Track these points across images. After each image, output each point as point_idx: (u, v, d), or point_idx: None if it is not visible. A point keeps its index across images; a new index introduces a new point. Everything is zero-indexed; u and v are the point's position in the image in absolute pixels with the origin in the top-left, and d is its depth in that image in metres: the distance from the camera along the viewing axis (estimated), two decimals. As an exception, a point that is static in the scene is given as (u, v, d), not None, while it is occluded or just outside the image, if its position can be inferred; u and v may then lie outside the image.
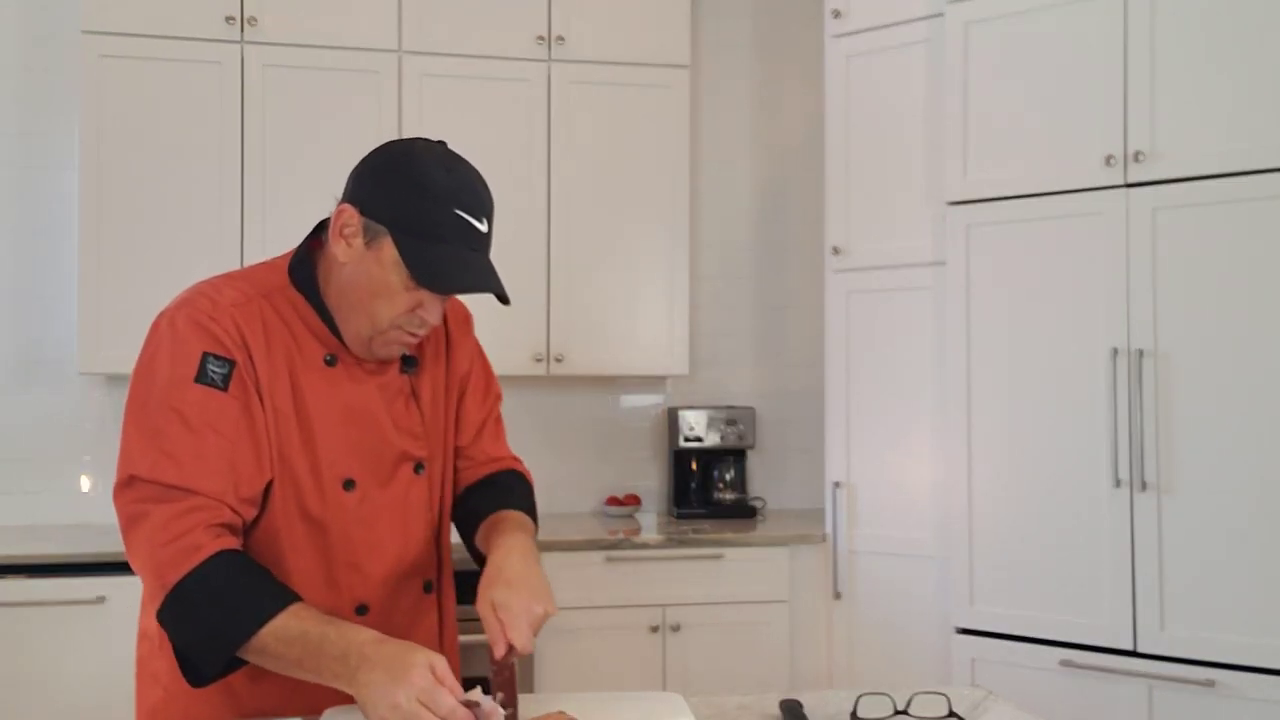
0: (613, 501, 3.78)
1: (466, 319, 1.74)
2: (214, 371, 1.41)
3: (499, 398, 1.78)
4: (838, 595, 3.30)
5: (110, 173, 3.28)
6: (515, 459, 1.80)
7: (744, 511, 3.71)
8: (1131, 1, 2.74)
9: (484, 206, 1.47)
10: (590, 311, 3.60)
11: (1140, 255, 2.71)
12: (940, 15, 3.09)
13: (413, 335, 1.50)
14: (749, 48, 4.10)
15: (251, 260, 3.32)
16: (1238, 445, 2.59)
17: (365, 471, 1.54)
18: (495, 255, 3.68)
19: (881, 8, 3.25)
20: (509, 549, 1.49)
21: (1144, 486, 2.69)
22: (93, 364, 3.28)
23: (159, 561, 1.36)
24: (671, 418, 3.78)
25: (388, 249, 1.42)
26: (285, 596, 1.36)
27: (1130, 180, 2.74)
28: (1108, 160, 2.76)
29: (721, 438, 3.76)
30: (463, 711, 1.24)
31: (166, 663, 1.49)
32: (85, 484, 3.57)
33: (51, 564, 2.97)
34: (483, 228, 1.46)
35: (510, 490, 1.70)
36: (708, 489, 3.81)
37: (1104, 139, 2.78)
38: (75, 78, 3.37)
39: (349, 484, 1.52)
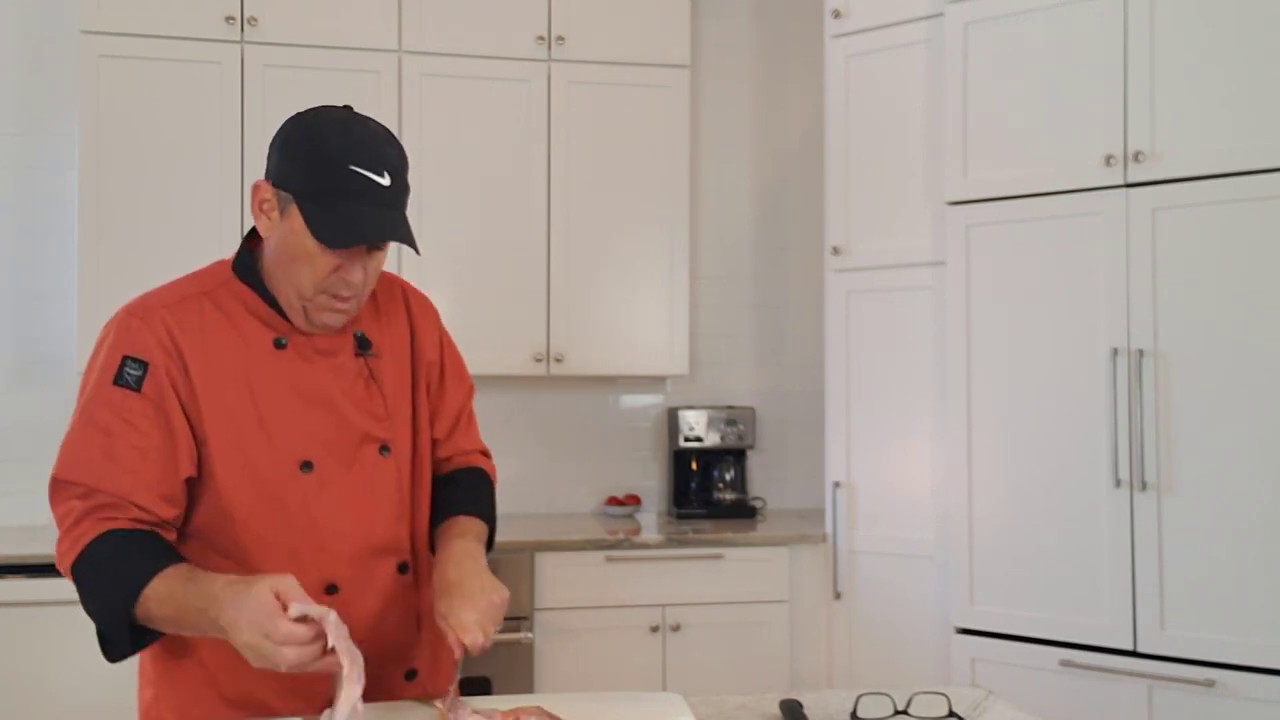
0: (613, 501, 3.78)
1: (429, 308, 1.77)
2: (129, 374, 1.46)
3: (471, 391, 1.81)
4: (838, 595, 3.30)
5: (110, 173, 3.28)
6: (484, 452, 1.83)
7: (744, 511, 3.71)
8: (1131, 2, 2.75)
9: (385, 161, 1.48)
10: (590, 311, 3.60)
11: (1140, 255, 2.71)
12: (940, 15, 3.10)
13: (340, 300, 1.52)
14: (749, 48, 4.10)
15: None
16: (1238, 445, 2.59)
17: (325, 452, 1.56)
18: (495, 253, 3.64)
19: (881, 8, 3.25)
20: (447, 559, 1.54)
21: (1144, 486, 2.70)
22: (93, 364, 3.28)
23: (61, 553, 1.45)
24: (671, 418, 3.78)
25: (296, 215, 1.47)
26: (160, 561, 1.40)
27: (1130, 180, 2.74)
28: (1107, 160, 2.76)
29: (721, 438, 3.76)
30: (300, 630, 1.26)
31: (154, 663, 1.57)
32: (85, 484, 3.57)
33: (51, 564, 2.95)
34: (384, 181, 1.46)
35: (469, 490, 1.73)
36: (708, 489, 3.81)
37: (1104, 139, 2.78)
38: (75, 78, 3.37)
39: (306, 465, 1.54)
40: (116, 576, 1.40)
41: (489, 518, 1.72)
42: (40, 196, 3.55)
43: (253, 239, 1.60)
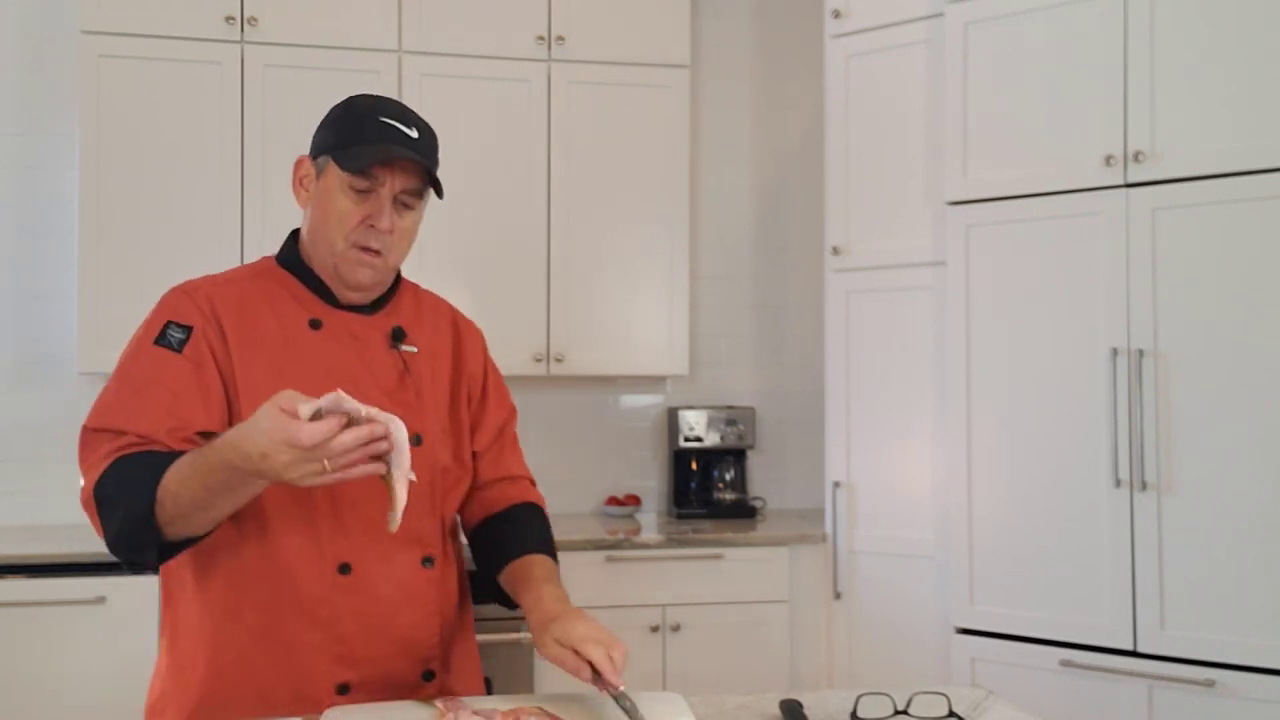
0: (613, 501, 3.78)
1: (476, 333, 1.82)
2: (172, 335, 1.52)
3: (513, 413, 1.85)
4: (838, 595, 3.30)
5: (110, 172, 3.28)
6: (531, 480, 1.85)
7: (744, 511, 3.71)
8: (1131, 2, 2.75)
9: (411, 118, 1.59)
10: (590, 311, 3.60)
11: (1140, 255, 2.72)
12: (940, 15, 3.10)
13: (369, 252, 1.57)
14: (749, 48, 4.10)
15: (249, 258, 3.33)
16: (1238, 445, 2.59)
17: None
18: (495, 253, 3.65)
19: (881, 8, 3.25)
20: (546, 598, 1.56)
21: (1144, 486, 2.70)
22: (93, 363, 3.28)
23: (83, 491, 1.46)
24: (671, 418, 3.79)
25: (329, 168, 1.57)
26: (173, 455, 1.41)
27: (1130, 180, 2.74)
28: (1107, 160, 2.77)
29: (721, 438, 3.76)
30: (322, 425, 1.24)
31: (166, 659, 1.59)
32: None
33: (51, 564, 2.98)
34: (411, 133, 1.56)
35: (530, 528, 1.74)
36: (708, 489, 3.82)
37: (1104, 139, 2.78)
38: (75, 78, 3.38)
39: None
40: (134, 479, 1.40)
41: (555, 556, 1.72)
42: (40, 196, 3.56)
43: (297, 236, 1.68)
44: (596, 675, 1.42)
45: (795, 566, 3.38)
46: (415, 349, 1.66)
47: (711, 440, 3.76)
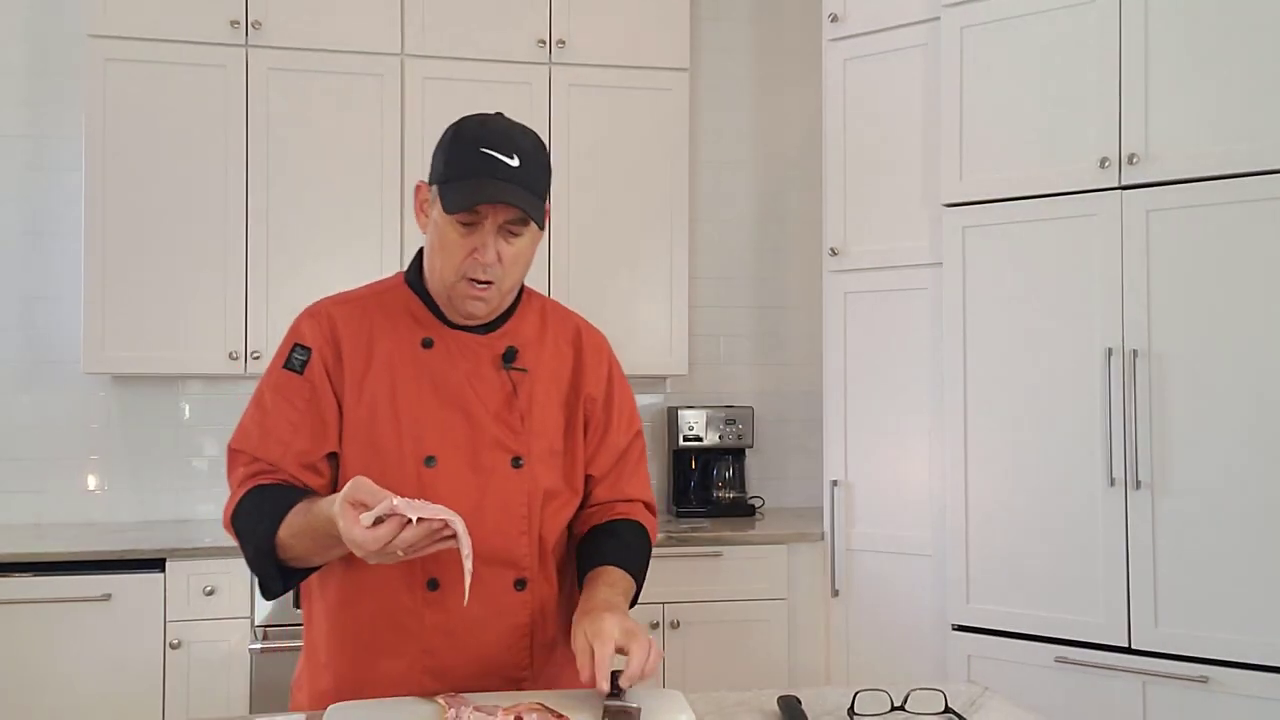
0: (613, 500, 3.79)
1: (602, 347, 1.81)
2: (296, 358, 1.63)
3: (639, 433, 1.81)
4: (835, 593, 3.32)
5: (115, 175, 3.30)
6: (649, 505, 1.81)
7: (743, 510, 3.74)
8: (1125, 6, 2.77)
9: (516, 145, 1.56)
10: (590, 312, 3.55)
11: (1134, 256, 2.74)
12: (936, 19, 3.12)
13: (478, 285, 1.58)
14: (748, 51, 4.12)
15: (254, 261, 3.37)
16: (1231, 444, 2.61)
17: (452, 452, 1.61)
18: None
19: (878, 12, 3.27)
20: (589, 597, 1.57)
21: (1138, 485, 2.72)
22: (98, 364, 3.31)
23: (225, 513, 1.61)
24: (671, 417, 3.81)
25: (438, 203, 1.58)
26: (291, 500, 1.54)
27: (1124, 183, 2.76)
28: (1102, 163, 2.79)
29: (720, 437, 3.78)
30: (380, 531, 1.33)
31: (305, 643, 1.72)
32: (91, 483, 3.59)
33: (57, 562, 3.00)
34: (511, 161, 1.55)
35: (628, 545, 1.72)
36: (707, 488, 3.83)
37: (1098, 142, 2.80)
38: (81, 81, 3.40)
39: (430, 460, 1.60)
40: (258, 522, 1.54)
41: (639, 576, 1.70)
42: (46, 198, 3.58)
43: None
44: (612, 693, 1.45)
45: (793, 564, 3.40)
46: (525, 370, 1.67)
47: (711, 439, 3.78)
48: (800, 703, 1.56)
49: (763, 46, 4.14)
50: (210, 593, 3.06)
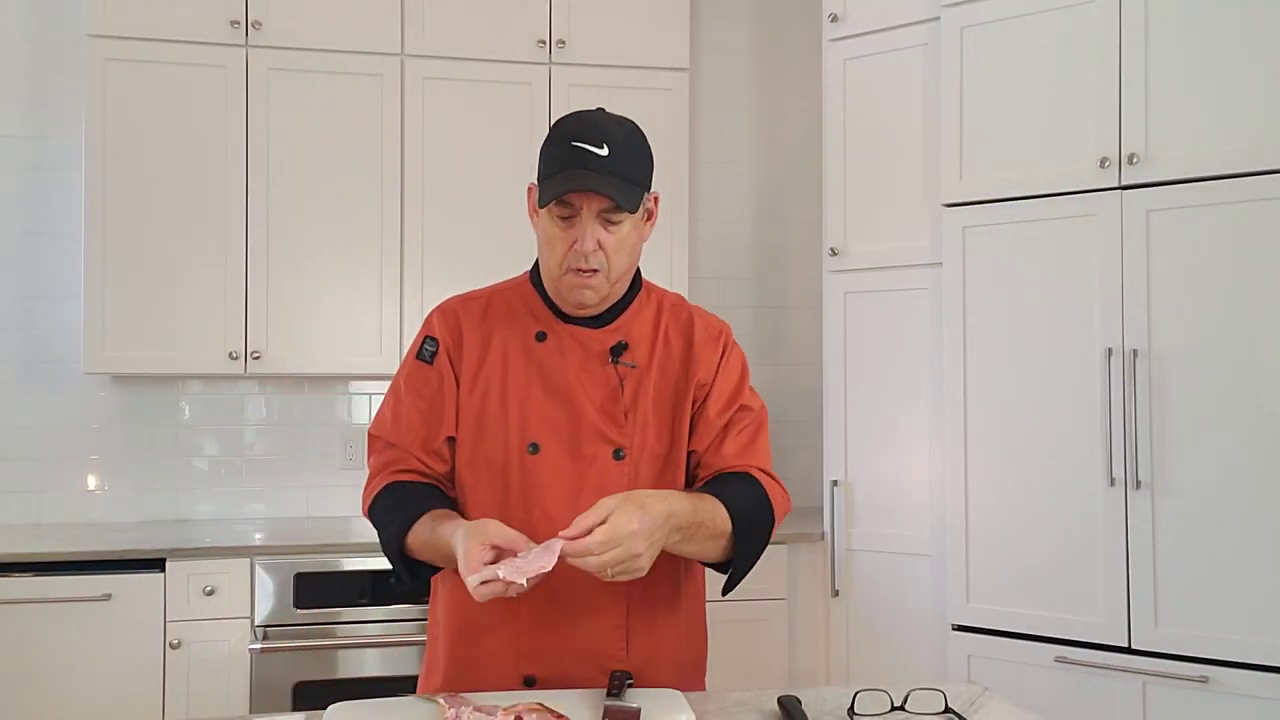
0: (613, 500, 3.79)
1: (719, 333, 1.80)
2: (427, 350, 1.73)
3: (747, 409, 1.78)
4: (835, 593, 3.33)
5: (115, 175, 3.30)
6: (765, 472, 1.75)
7: (743, 510, 3.73)
8: (1125, 6, 2.77)
9: (603, 134, 1.59)
10: (591, 312, 3.61)
11: (1134, 256, 2.74)
12: (936, 19, 3.12)
13: (582, 274, 1.63)
14: (748, 51, 4.12)
15: (254, 261, 3.37)
16: (1231, 444, 2.61)
17: (555, 440, 1.66)
18: (496, 254, 3.70)
19: (878, 12, 3.27)
20: (648, 492, 1.54)
21: (1138, 485, 2.72)
22: (98, 364, 3.31)
23: (364, 500, 1.73)
24: (671, 417, 3.80)
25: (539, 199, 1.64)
26: (419, 508, 1.62)
27: (1124, 182, 2.76)
28: (1102, 163, 2.79)
29: (721, 437, 3.77)
30: (489, 588, 1.40)
31: (430, 633, 1.79)
32: (91, 482, 3.60)
33: (57, 562, 3.00)
34: (601, 151, 1.58)
35: (725, 483, 1.68)
36: (707, 488, 3.82)
37: (1098, 142, 2.80)
38: (81, 81, 3.40)
39: (533, 446, 1.66)
40: (390, 523, 1.64)
41: (737, 514, 1.64)
42: (46, 198, 3.58)
43: None
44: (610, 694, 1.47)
45: (793, 564, 3.41)
46: (634, 365, 1.70)
47: (711, 439, 3.77)
48: (800, 702, 1.57)
49: (763, 46, 4.14)
50: (210, 593, 3.07)
